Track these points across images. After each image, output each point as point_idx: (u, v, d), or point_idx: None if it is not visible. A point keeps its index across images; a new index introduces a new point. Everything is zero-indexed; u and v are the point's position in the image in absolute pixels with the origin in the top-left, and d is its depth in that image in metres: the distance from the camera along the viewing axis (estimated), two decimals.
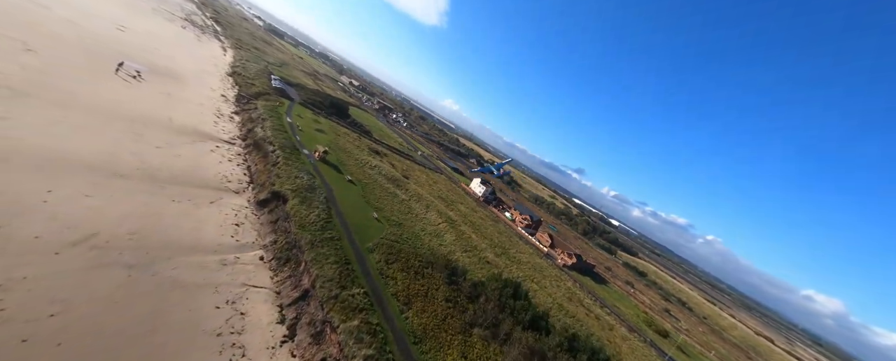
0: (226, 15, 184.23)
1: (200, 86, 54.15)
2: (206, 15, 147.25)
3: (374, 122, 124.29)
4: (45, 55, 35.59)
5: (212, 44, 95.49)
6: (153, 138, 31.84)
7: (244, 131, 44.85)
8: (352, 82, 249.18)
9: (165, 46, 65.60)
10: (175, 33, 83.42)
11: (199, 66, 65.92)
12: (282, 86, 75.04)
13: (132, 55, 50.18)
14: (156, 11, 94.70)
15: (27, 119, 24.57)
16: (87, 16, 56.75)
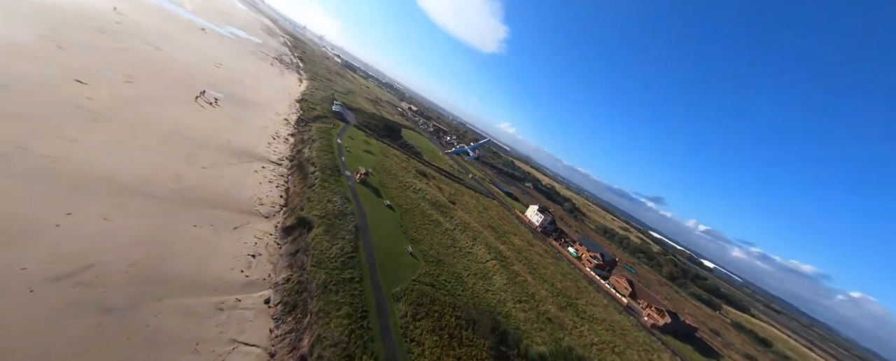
0: (310, 54, 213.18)
1: (268, 112, 58.10)
2: (294, 55, 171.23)
3: (427, 144, 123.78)
4: (141, 86, 40.49)
5: (291, 77, 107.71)
6: (204, 159, 32.16)
7: (293, 152, 44.90)
8: (410, 107, 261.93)
9: (250, 79, 74.21)
10: (262, 69, 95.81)
11: (274, 95, 72.52)
12: (341, 110, 78.31)
13: (218, 86, 56.43)
14: (254, 53, 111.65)
15: (95, 140, 25.80)
16: (192, 55, 67.49)
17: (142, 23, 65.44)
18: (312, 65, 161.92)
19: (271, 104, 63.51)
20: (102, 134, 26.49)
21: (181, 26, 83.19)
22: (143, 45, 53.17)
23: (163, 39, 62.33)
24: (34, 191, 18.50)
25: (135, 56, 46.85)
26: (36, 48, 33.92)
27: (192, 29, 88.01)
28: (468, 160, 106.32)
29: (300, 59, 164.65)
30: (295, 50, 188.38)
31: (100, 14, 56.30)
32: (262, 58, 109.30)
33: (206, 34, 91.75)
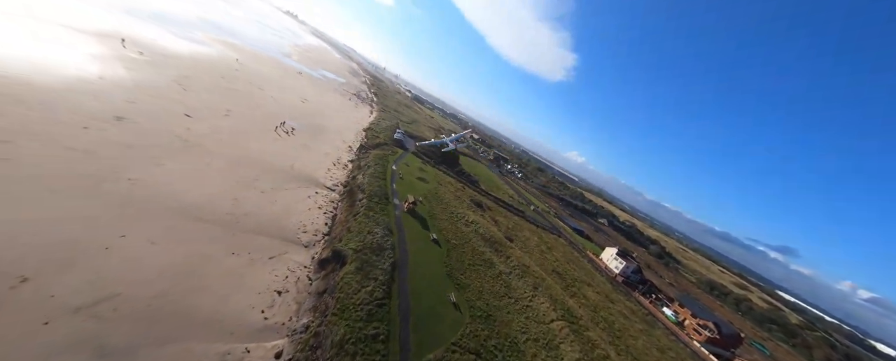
0: (384, 90, 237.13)
1: (335, 139, 62.31)
2: (370, 91, 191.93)
3: (485, 172, 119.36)
4: (235, 118, 46.79)
5: (364, 109, 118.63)
6: (265, 183, 33.66)
7: (348, 178, 45.43)
8: (472, 135, 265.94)
9: (328, 111, 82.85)
10: (340, 103, 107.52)
11: (344, 124, 78.96)
12: (402, 138, 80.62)
13: (299, 118, 63.34)
14: (336, 90, 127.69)
15: (177, 165, 28.73)
16: (286, 93, 78.72)
17: (254, 70, 79.81)
18: (384, 98, 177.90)
19: (340, 132, 68.46)
20: (185, 159, 29.43)
21: (284, 72, 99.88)
22: (250, 87, 63.51)
23: (266, 82, 74.30)
24: (104, 212, 19.83)
25: (240, 95, 55.59)
26: (166, 89, 42.01)
27: (291, 73, 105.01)
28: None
29: (375, 94, 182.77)
30: (372, 87, 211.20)
31: (225, 64, 70.23)
32: (342, 94, 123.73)
33: (301, 77, 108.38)
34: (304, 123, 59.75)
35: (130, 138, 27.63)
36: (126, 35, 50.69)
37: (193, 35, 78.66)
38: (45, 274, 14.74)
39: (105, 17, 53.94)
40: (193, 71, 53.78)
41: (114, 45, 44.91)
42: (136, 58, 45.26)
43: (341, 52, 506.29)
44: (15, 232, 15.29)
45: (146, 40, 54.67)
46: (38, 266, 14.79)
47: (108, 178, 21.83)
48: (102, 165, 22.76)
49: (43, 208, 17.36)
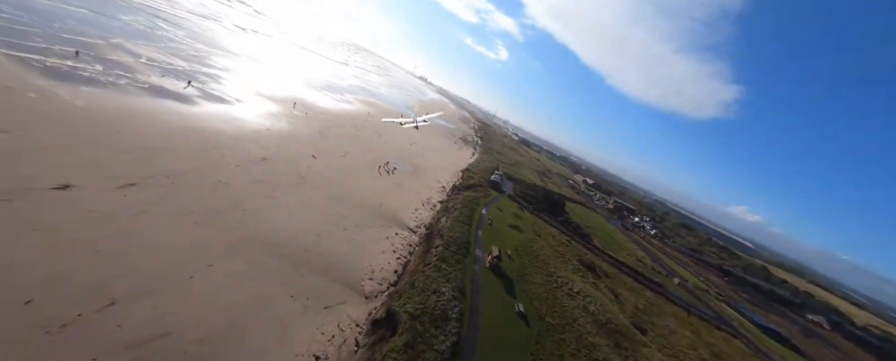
0: (491, 133, 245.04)
1: (430, 179, 63.36)
2: (477, 135, 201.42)
3: (601, 224, 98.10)
4: (349, 159, 53.46)
5: (466, 151, 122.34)
6: (350, 220, 34.42)
7: (433, 220, 42.98)
8: (585, 180, 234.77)
9: (430, 153, 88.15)
10: (445, 145, 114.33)
11: (443, 165, 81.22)
12: (498, 180, 75.77)
13: (404, 158, 68.57)
14: (444, 135, 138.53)
15: (285, 199, 32.18)
16: (399, 138, 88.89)
17: (380, 119, 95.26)
18: (489, 141, 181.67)
19: (437, 172, 69.90)
20: (294, 194, 33.23)
21: None
22: (371, 133, 74.47)
23: (386, 129, 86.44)
24: (208, 239, 22.31)
25: (361, 140, 65.11)
26: (308, 137, 52.42)
27: None
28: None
29: (480, 137, 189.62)
30: (478, 131, 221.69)
31: (360, 116, 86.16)
32: (449, 138, 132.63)
33: None
34: (405, 163, 63.82)
35: (262, 175, 33.38)
36: (298, 99, 68.84)
37: (345, 97, 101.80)
38: (131, 299, 15.73)
39: (291, 89, 75.47)
40: (334, 123, 67.03)
41: (287, 107, 60.88)
42: (298, 115, 59.59)
43: (456, 104, 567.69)
44: (132, 252, 18.09)
45: (310, 102, 72.76)
46: (131, 289, 16.09)
47: (227, 208, 25.59)
48: (230, 195, 27.26)
49: (167, 231, 20.72)
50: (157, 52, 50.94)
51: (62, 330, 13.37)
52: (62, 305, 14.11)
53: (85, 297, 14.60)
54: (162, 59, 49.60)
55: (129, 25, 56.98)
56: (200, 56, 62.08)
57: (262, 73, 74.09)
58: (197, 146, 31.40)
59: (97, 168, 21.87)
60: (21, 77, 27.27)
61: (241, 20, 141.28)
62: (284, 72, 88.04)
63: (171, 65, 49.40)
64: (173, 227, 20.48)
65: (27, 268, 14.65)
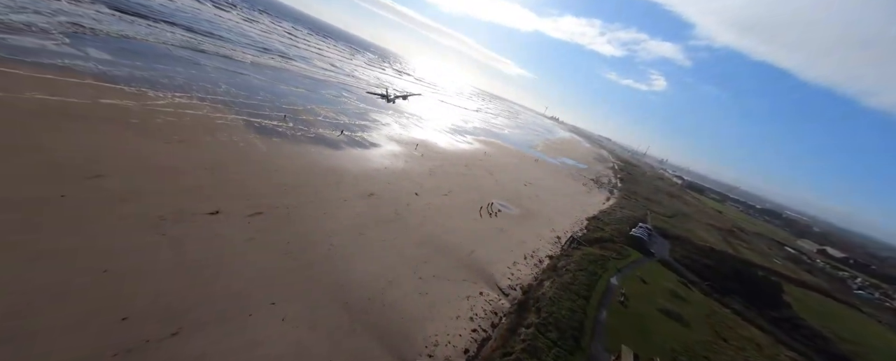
0: (637, 175, 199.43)
1: (542, 226, 52.74)
2: (616, 176, 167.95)
3: (867, 331, 54.10)
4: (451, 198, 51.78)
5: (598, 195, 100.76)
6: (432, 267, 30.38)
7: (534, 282, 33.19)
8: (824, 250, 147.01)
9: (548, 195, 76.50)
10: (570, 188, 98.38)
11: (563, 210, 67.78)
12: (644, 236, 55.11)
13: (513, 199, 61.49)
14: (571, 176, 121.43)
15: (372, 236, 31.71)
16: (512, 177, 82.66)
17: (496, 160, 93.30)
18: (633, 184, 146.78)
19: (553, 218, 58.33)
20: (383, 231, 32.93)
21: (521, 160, 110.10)
22: (482, 172, 72.79)
23: (499, 169, 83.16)
24: (287, 273, 23.35)
25: (469, 179, 63.99)
26: (418, 175, 55.28)
27: (528, 161, 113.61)
28: None
29: (620, 179, 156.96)
30: (618, 172, 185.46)
31: (475, 156, 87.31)
32: (576, 179, 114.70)
33: (536, 163, 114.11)
34: (513, 205, 56.77)
35: (364, 209, 35.53)
36: (421, 142, 76.60)
37: (466, 139, 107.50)
38: (192, 330, 16.44)
39: (419, 134, 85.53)
40: (447, 162, 69.68)
41: (410, 148, 68.11)
42: (416, 155, 65.31)
43: (593, 142, 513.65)
44: (220, 279, 20.14)
45: (431, 144, 79.63)
46: (197, 319, 17.02)
47: (318, 241, 27.19)
48: (326, 228, 29.30)
49: (258, 259, 22.95)
50: (332, 112, 68.99)
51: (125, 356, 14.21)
52: (140, 327, 15.51)
53: (161, 322, 16.08)
54: (332, 116, 66.44)
55: (325, 97, 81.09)
56: (361, 113, 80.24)
57: (401, 123, 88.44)
58: (323, 182, 37.15)
59: (246, 198, 28.08)
60: (243, 132, 40.93)
61: (400, 85, 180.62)
62: (419, 121, 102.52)
63: (336, 119, 65.27)
64: (265, 256, 22.66)
65: (146, 283, 17.74)
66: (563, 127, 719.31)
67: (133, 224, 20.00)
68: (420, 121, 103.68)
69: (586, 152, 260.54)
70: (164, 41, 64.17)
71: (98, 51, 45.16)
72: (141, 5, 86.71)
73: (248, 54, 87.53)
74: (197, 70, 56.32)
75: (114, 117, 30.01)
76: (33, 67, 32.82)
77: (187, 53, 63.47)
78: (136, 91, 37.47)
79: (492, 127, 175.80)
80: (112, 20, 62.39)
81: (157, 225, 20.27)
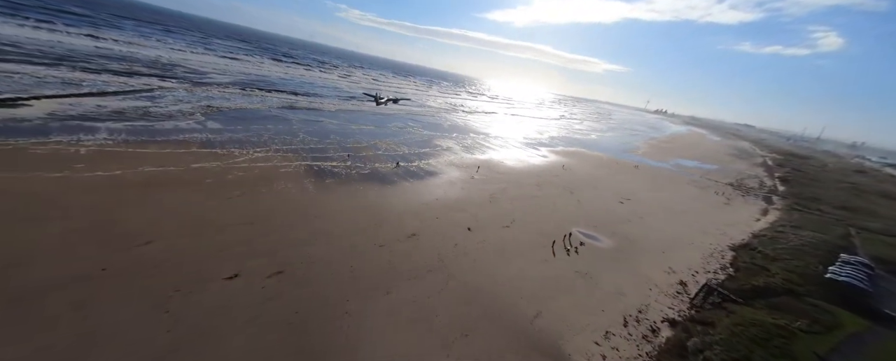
0: (811, 172, 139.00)
1: (649, 266, 36.86)
2: (772, 175, 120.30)
3: None
4: (512, 230, 42.32)
5: (744, 208, 70.44)
6: (475, 344, 22.01)
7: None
8: None
9: (658, 214, 56.54)
10: (692, 198, 72.18)
11: (686, 236, 47.73)
12: (858, 281, 32.08)
13: (603, 225, 46.69)
14: (692, 182, 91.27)
15: (399, 296, 26.63)
16: (603, 192, 65.34)
17: (579, 172, 77.53)
18: (808, 185, 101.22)
19: (669, 250, 41.00)
20: (415, 288, 26.58)
21: (615, 169, 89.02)
22: (558, 190, 59.99)
23: (584, 184, 67.86)
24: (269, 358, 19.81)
25: (539, 201, 52.74)
26: (474, 204, 47.86)
27: (626, 168, 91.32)
28: None
29: (783, 179, 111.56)
30: (777, 170, 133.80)
31: (550, 171, 74.26)
32: (702, 186, 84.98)
33: (636, 170, 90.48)
34: (603, 234, 42.78)
35: (397, 258, 30.42)
36: (484, 162, 69.63)
37: (540, 152, 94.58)
38: None
39: (484, 154, 78.78)
40: (513, 183, 60.25)
41: (470, 172, 61.99)
42: (477, 179, 58.55)
43: (722, 133, 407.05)
44: None
45: (496, 163, 71.57)
46: None
47: (333, 307, 23.34)
48: (345, 291, 25.37)
49: (256, 336, 20.08)
50: (393, 144, 69.94)
51: None
52: None
53: None
54: (393, 147, 66.97)
55: (390, 129, 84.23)
56: (423, 140, 79.71)
57: (464, 144, 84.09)
58: (361, 225, 34.51)
59: (273, 254, 26.88)
60: (300, 178, 42.95)
61: (473, 105, 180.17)
62: (486, 140, 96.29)
63: (396, 151, 65.35)
64: (264, 334, 19.73)
65: None
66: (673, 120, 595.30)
67: (144, 298, 19.97)
68: (487, 139, 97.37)
69: (714, 148, 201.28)
70: (268, 106, 78.56)
71: (215, 123, 56.84)
72: (262, 81, 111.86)
73: (332, 104, 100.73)
74: (284, 125, 65.53)
75: (194, 180, 34.58)
76: (161, 144, 42.04)
77: (282, 112, 75.67)
78: (224, 152, 44.06)
79: (574, 133, 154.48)
80: (237, 97, 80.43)
81: (167, 299, 19.82)
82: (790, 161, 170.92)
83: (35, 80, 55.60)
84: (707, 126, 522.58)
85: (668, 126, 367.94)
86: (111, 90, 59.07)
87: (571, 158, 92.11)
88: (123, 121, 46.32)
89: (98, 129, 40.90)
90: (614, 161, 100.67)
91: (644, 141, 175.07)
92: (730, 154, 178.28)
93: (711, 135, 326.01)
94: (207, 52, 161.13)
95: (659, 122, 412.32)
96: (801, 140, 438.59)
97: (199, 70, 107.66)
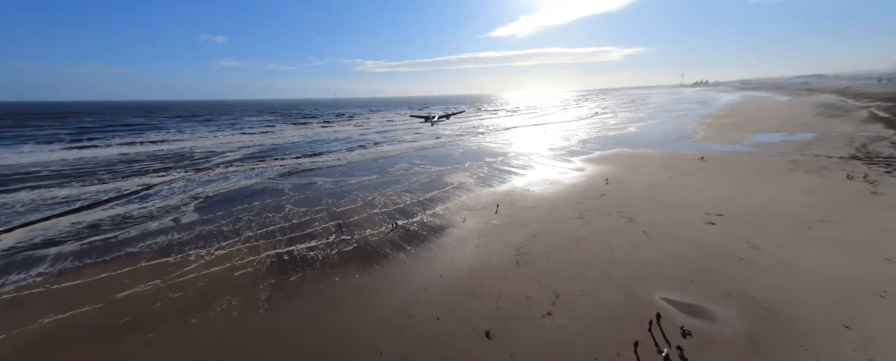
0: None
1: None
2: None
3: None
4: (562, 310, 27.60)
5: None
6: None
7: None
8: None
9: (785, 228, 37.15)
10: (807, 188, 50.31)
11: (855, 276, 28.27)
12: None
13: (705, 275, 29.99)
14: (793, 164, 67.53)
15: None
16: (686, 225, 47.54)
17: (631, 184, 59.71)
18: None
19: (852, 318, 22.81)
20: None
21: (676, 168, 69.09)
22: (612, 220, 43.52)
23: (642, 200, 50.36)
24: None
25: (588, 250, 36.90)
26: (497, 271, 34.01)
27: (690, 165, 70.60)
28: None
29: None
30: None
31: (592, 189, 57.90)
32: (813, 168, 61.21)
33: (704, 162, 69.42)
34: (715, 298, 25.94)
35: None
36: (505, 197, 55.71)
37: (574, 163, 77.81)
38: None
39: (504, 183, 64.84)
40: (545, 221, 44.99)
41: (488, 214, 48.37)
42: (496, 224, 44.82)
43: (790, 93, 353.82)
44: None
45: (520, 193, 56.94)
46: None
47: None
48: None
49: None
50: (395, 194, 59.25)
51: None
52: None
53: None
54: (395, 200, 56.29)
55: (394, 175, 73.55)
56: (430, 181, 68.27)
57: (480, 174, 71.11)
58: (318, 356, 22.75)
59: None
60: (257, 283, 33.19)
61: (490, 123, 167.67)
62: (505, 162, 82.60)
63: (398, 203, 54.43)
64: None
65: None
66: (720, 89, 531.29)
67: None
68: (507, 161, 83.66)
69: (791, 111, 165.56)
70: (266, 177, 74.00)
71: (195, 214, 50.98)
72: (273, 149, 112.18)
73: (337, 158, 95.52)
74: (272, 198, 58.69)
75: (102, 328, 25.97)
76: (103, 266, 35.37)
77: (276, 182, 70.15)
78: (177, 260, 36.37)
79: (608, 130, 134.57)
80: (236, 175, 77.32)
81: None
82: None
83: (29, 206, 55.04)
84: (765, 86, 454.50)
85: (717, 97, 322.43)
86: (104, 199, 57.55)
87: (614, 164, 74.42)
88: (86, 239, 41.65)
89: (43, 260, 35.79)
90: (670, 156, 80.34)
91: (696, 121, 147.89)
92: (818, 114, 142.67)
93: (778, 96, 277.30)
94: (233, 132, 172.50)
95: (704, 95, 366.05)
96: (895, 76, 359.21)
97: (216, 151, 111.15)
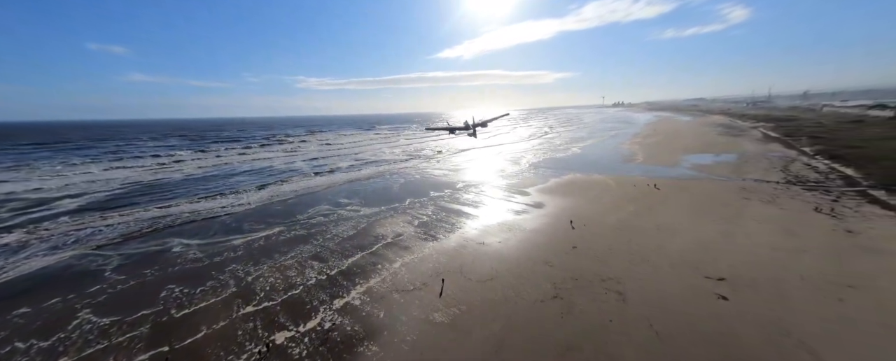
0: (825, 132, 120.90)
1: None
2: (802, 149, 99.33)
3: None
4: None
5: (863, 223, 44.89)
6: None
7: None
8: None
9: (812, 314, 28.98)
10: (785, 227, 45.92)
11: None
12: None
13: None
14: (748, 192, 66.42)
15: None
16: (681, 300, 38.28)
17: (593, 224, 50.06)
18: (868, 159, 79.20)
19: None
20: None
21: (637, 200, 62.73)
22: (594, 296, 31.50)
23: (620, 254, 39.84)
24: None
25: (586, 319, 24.02)
26: None
27: (646, 196, 65.21)
28: None
29: (823, 152, 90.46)
30: (795, 141, 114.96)
31: (558, 239, 46.69)
32: (768, 198, 58.89)
33: (660, 192, 64.59)
34: None
35: None
36: (451, 257, 41.06)
37: (523, 202, 66.66)
38: None
39: (447, 237, 50.43)
40: (510, 307, 31.29)
41: (429, 297, 32.94)
42: (436, 323, 29.51)
43: (687, 113, 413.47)
44: None
45: (469, 254, 42.86)
46: None
47: None
48: None
49: None
50: (289, 275, 40.07)
51: None
52: None
53: None
54: (279, 287, 37.26)
55: (301, 232, 53.67)
56: (355, 234, 50.14)
57: (423, 221, 54.30)
58: None
59: None
60: None
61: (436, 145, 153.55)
62: (454, 200, 67.71)
63: (286, 294, 35.47)
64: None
65: None
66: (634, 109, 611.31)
67: None
68: (454, 196, 68.05)
69: (699, 131, 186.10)
70: (92, 246, 47.74)
71: None
72: (146, 190, 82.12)
73: (230, 202, 70.22)
74: (66, 293, 34.57)
75: None
76: None
77: (97, 257, 43.29)
78: None
79: (555, 151, 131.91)
80: (38, 246, 49.70)
81: None
82: (784, 125, 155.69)
83: None
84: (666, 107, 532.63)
85: (635, 117, 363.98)
86: None
87: (572, 196, 65.68)
88: None
89: None
90: (622, 183, 75.26)
91: (630, 140, 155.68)
92: (722, 134, 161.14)
93: (680, 116, 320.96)
94: (107, 164, 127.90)
95: (625, 115, 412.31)
96: (757, 101, 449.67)
97: (47, 198, 76.20)
